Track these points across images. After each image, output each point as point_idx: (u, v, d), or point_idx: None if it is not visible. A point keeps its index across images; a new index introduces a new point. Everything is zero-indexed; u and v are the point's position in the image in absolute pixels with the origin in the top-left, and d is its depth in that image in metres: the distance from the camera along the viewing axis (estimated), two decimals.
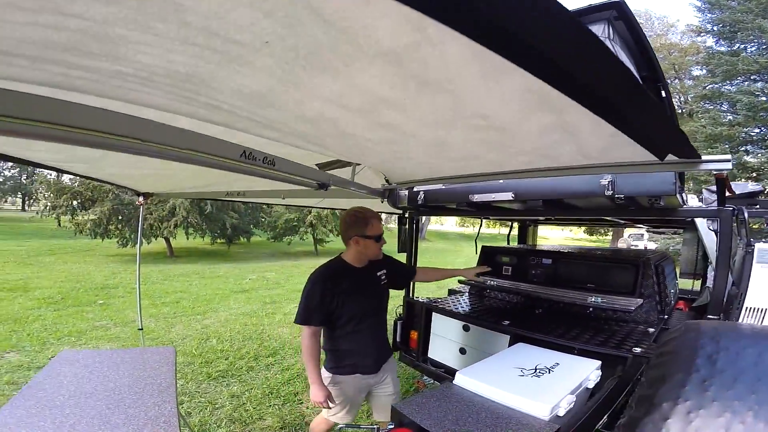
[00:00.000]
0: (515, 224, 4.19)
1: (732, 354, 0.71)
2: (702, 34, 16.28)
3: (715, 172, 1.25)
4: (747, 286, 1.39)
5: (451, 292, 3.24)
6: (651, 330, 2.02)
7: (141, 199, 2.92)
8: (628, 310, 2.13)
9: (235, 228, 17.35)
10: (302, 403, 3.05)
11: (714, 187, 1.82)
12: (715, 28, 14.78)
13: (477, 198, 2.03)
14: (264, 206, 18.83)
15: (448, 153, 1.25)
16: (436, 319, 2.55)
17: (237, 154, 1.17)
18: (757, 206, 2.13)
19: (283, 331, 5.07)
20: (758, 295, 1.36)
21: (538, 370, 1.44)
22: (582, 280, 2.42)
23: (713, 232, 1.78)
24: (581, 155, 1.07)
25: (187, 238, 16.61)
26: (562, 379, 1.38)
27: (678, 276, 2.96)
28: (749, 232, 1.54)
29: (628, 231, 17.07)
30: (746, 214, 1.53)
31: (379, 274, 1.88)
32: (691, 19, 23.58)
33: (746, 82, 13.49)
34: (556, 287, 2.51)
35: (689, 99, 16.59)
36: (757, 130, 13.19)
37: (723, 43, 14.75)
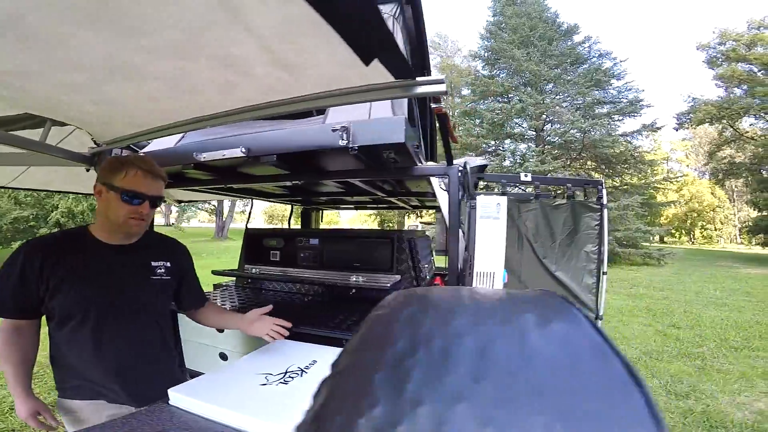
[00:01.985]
0: (296, 207, 3.86)
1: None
2: (476, 59, 19.17)
3: (434, 106, 1.14)
4: (474, 247, 1.37)
5: (217, 286, 2.67)
6: None
7: None
8: (384, 287, 2.02)
9: None
10: None
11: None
12: (485, 54, 17.83)
13: (204, 157, 1.59)
14: None
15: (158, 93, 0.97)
16: (184, 319, 1.91)
17: None
18: (483, 178, 2.51)
19: None
20: (485, 256, 1.34)
21: (288, 374, 1.10)
22: (347, 259, 2.33)
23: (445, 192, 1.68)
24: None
25: None
26: (313, 384, 1.14)
27: (434, 253, 3.07)
28: (469, 187, 1.55)
29: (407, 223, 20.12)
30: (468, 167, 1.52)
31: (155, 264, 1.25)
32: (474, 46, 28.70)
33: (493, 102, 17.03)
34: (324, 269, 2.35)
35: (455, 114, 19.20)
36: (492, 142, 17.52)
37: (487, 68, 18.03)
